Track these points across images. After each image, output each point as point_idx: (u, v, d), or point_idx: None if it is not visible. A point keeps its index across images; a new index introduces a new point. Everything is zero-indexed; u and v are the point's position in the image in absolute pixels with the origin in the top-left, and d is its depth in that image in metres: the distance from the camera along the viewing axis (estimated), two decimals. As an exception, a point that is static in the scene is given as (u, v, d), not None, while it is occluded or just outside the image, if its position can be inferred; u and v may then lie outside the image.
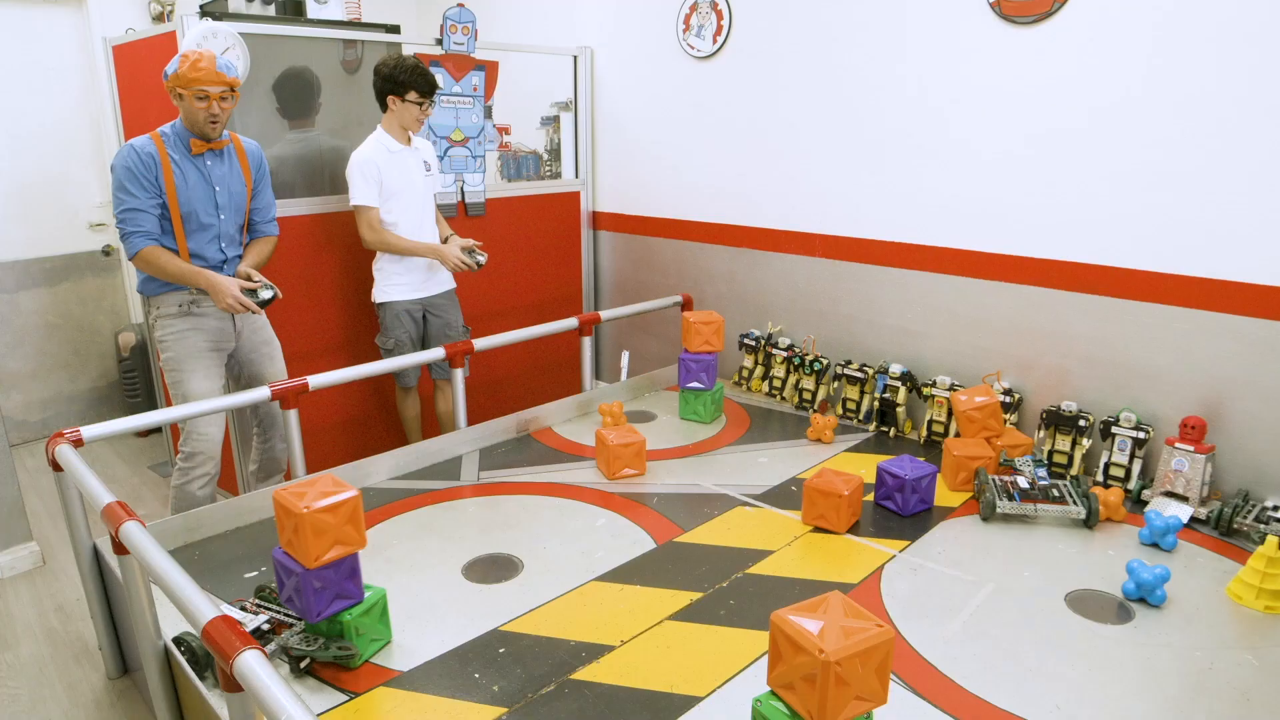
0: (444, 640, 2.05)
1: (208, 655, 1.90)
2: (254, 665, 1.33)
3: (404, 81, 3.17)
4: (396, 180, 3.28)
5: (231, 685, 1.38)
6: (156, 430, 4.38)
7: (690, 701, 1.82)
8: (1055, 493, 2.61)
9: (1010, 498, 2.60)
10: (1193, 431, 2.61)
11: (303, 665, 1.94)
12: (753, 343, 3.90)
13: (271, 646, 1.95)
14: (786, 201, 3.74)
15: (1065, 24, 2.80)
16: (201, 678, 1.86)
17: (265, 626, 2.00)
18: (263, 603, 2.10)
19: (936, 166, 3.21)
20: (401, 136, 3.31)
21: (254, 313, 2.76)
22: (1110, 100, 2.74)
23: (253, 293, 2.76)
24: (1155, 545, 2.45)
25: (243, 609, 2.07)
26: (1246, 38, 2.45)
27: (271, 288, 2.81)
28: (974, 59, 3.03)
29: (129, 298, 4.66)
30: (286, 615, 2.04)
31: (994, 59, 2.98)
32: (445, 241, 3.45)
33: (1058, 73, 2.84)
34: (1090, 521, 2.55)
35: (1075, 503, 2.57)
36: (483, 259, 3.40)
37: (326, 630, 1.96)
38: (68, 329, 4.51)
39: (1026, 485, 2.63)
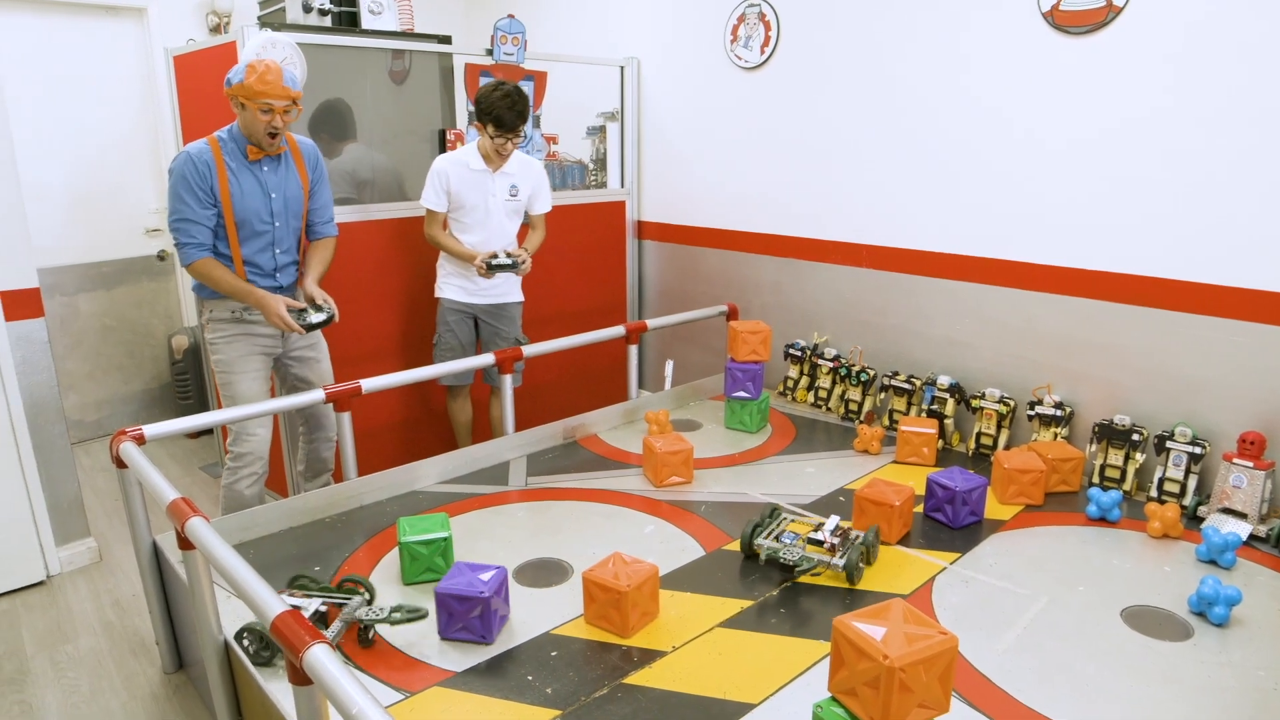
0: (497, 642, 2.07)
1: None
2: (323, 659, 1.36)
3: (484, 111, 3.18)
4: (468, 196, 3.31)
5: (300, 679, 1.41)
6: (208, 431, 4.47)
7: (744, 708, 1.82)
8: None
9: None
10: (1252, 447, 2.57)
11: (370, 635, 2.05)
12: (798, 353, 3.89)
13: (336, 625, 2.00)
14: (833, 212, 3.74)
15: (1118, 34, 2.77)
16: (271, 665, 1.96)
17: (322, 609, 2.06)
18: (304, 590, 2.17)
19: (985, 177, 3.19)
20: (490, 158, 3.30)
21: (299, 333, 2.79)
22: (1162, 110, 2.71)
23: (301, 313, 2.77)
24: (1213, 562, 2.41)
25: (291, 595, 2.13)
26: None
27: (324, 309, 2.80)
28: (1025, 69, 3.01)
29: (182, 302, 4.76)
30: (331, 596, 2.12)
31: (1046, 69, 2.96)
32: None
33: (1110, 83, 2.82)
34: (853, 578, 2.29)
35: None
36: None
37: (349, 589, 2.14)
38: (123, 331, 4.61)
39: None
